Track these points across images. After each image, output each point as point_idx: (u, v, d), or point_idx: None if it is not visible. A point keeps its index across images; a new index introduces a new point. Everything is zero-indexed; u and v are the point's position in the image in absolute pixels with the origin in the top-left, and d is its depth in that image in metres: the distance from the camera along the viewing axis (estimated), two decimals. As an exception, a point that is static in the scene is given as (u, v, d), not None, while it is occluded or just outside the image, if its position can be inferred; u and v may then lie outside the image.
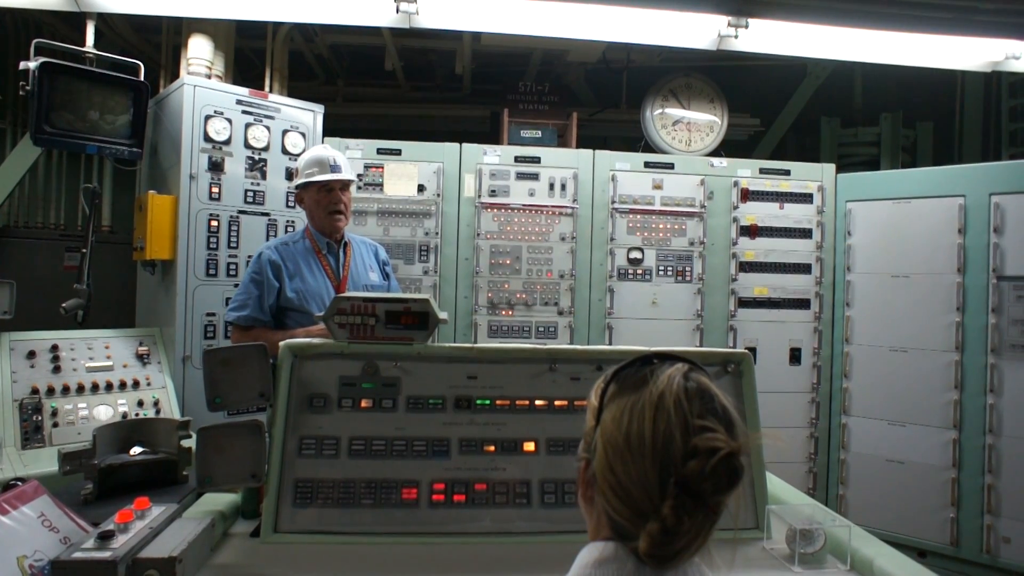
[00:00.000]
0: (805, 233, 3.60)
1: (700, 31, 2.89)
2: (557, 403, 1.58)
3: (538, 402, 1.58)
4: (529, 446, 1.54)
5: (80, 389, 2.62)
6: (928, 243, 3.31)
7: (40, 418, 2.48)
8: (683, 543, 0.73)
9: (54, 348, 2.65)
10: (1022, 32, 2.92)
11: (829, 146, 4.47)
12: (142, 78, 2.91)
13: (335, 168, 2.43)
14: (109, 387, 2.69)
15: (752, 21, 2.80)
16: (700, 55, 3.55)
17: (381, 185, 3.37)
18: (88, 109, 2.78)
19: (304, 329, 2.32)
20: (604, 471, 0.79)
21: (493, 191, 3.42)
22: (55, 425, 2.50)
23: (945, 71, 3.36)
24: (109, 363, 2.75)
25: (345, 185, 2.47)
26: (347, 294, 1.65)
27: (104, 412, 2.62)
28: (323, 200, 2.43)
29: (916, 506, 3.28)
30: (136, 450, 1.79)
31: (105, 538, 1.13)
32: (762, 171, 3.62)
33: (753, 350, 3.49)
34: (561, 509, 1.49)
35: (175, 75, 3.34)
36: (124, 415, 2.64)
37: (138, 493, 1.38)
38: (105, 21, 3.44)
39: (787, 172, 3.63)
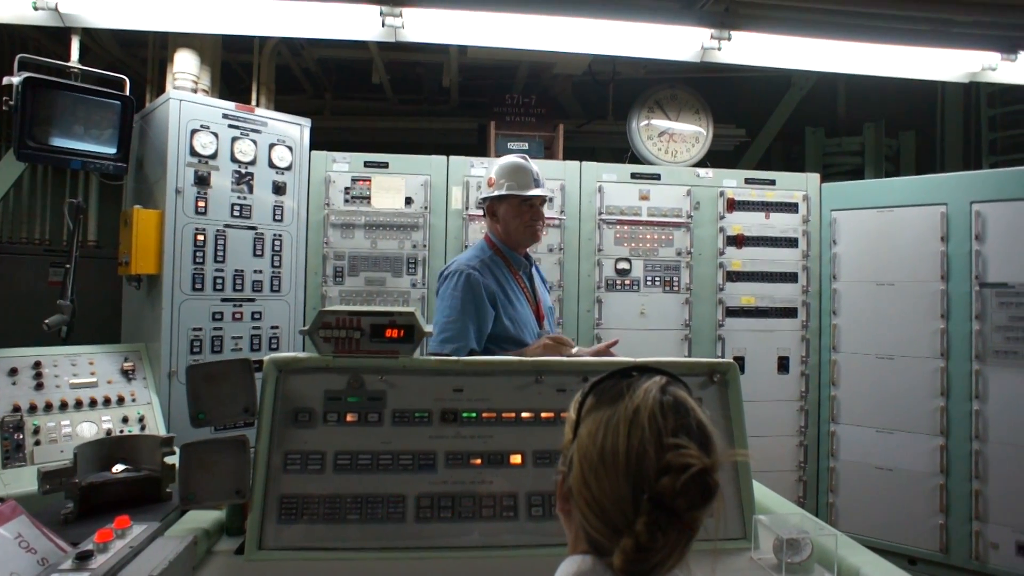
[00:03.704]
0: (791, 242, 3.63)
1: (684, 43, 2.93)
2: (543, 415, 1.58)
3: (524, 414, 1.57)
4: (516, 459, 1.53)
5: (63, 406, 2.58)
6: (912, 251, 3.35)
7: (22, 436, 2.44)
8: (658, 559, 0.73)
9: (37, 364, 2.61)
10: (997, 44, 2.99)
11: (814, 156, 4.53)
12: (127, 93, 2.90)
13: (537, 182, 2.30)
14: (93, 404, 2.65)
15: (734, 33, 2.85)
16: (685, 67, 3.59)
17: (368, 198, 3.37)
18: (73, 124, 2.76)
19: (522, 351, 2.09)
20: (579, 486, 0.79)
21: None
22: (37, 443, 2.46)
23: (926, 82, 3.43)
24: (93, 379, 2.71)
25: (543, 200, 2.34)
26: (331, 308, 1.64)
27: (88, 429, 2.58)
28: (524, 215, 2.27)
29: (905, 513, 3.30)
30: (119, 468, 1.76)
31: (83, 558, 1.11)
32: (748, 181, 3.65)
33: (741, 359, 3.51)
34: (548, 522, 1.48)
35: (161, 89, 3.34)
36: (108, 432, 2.61)
37: (120, 511, 1.36)
38: (91, 36, 3.44)
39: (772, 182, 3.67)
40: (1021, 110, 4.18)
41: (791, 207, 3.65)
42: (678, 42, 2.92)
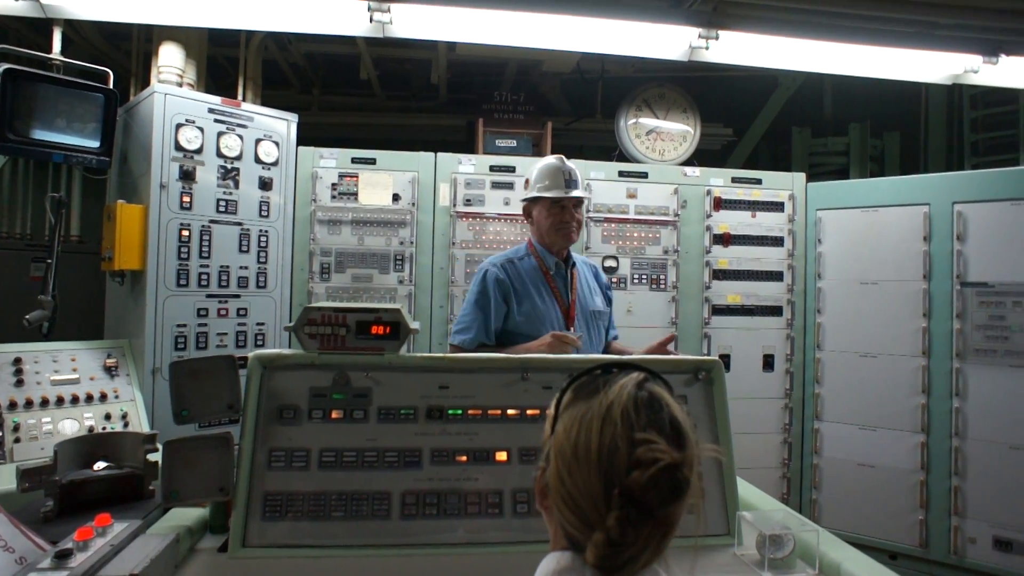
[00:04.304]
0: (777, 241, 3.66)
1: (672, 42, 2.94)
2: (529, 412, 1.58)
3: (510, 411, 1.57)
4: (501, 455, 1.53)
5: (44, 403, 2.55)
6: (895, 250, 3.39)
7: (1, 433, 2.40)
8: (630, 554, 0.73)
9: (17, 361, 2.58)
10: (979, 47, 3.03)
11: (800, 155, 4.57)
12: (111, 86, 2.87)
13: (571, 184, 2.29)
14: (75, 400, 2.62)
15: (722, 33, 2.86)
16: (673, 66, 3.60)
17: (355, 194, 3.36)
18: (55, 117, 2.72)
19: (524, 346, 2.17)
20: (555, 481, 0.79)
21: (468, 200, 3.42)
22: (17, 440, 2.42)
23: (910, 83, 3.46)
24: (75, 376, 2.68)
25: (578, 202, 2.33)
26: (316, 304, 1.63)
27: (70, 426, 2.55)
28: (554, 216, 2.29)
29: (887, 509, 3.34)
30: (100, 465, 1.74)
31: (63, 557, 1.10)
32: (734, 180, 3.68)
33: (727, 357, 3.54)
34: (534, 519, 1.48)
35: (146, 83, 3.30)
36: (90, 429, 2.58)
37: (102, 510, 1.34)
38: (73, 28, 3.39)
39: (759, 181, 3.70)
40: (1002, 112, 4.24)
41: (777, 206, 3.68)
42: (666, 41, 2.93)
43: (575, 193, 2.30)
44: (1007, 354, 3.09)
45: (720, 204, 3.63)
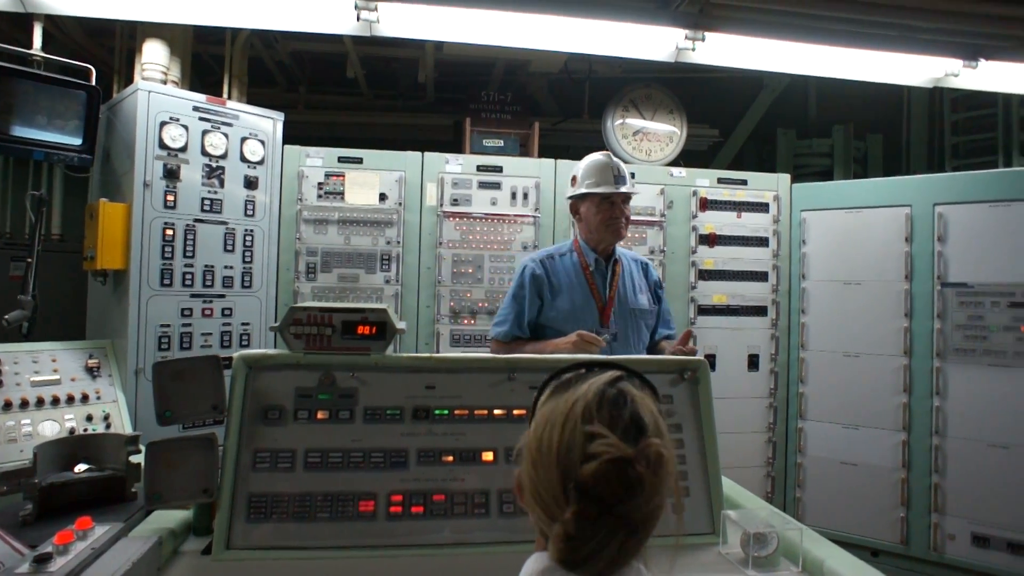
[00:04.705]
0: (762, 242, 3.69)
1: (659, 43, 2.95)
2: (516, 412, 1.58)
3: (496, 411, 1.58)
4: (488, 456, 1.53)
5: (24, 404, 2.50)
6: (878, 251, 3.43)
7: (-20, 435, 2.36)
8: (589, 549, 0.73)
9: (-4, 361, 2.54)
10: (959, 51, 3.08)
11: (785, 157, 4.61)
12: (94, 83, 2.83)
13: (619, 179, 2.30)
14: (56, 402, 2.58)
15: (708, 35, 2.88)
16: (660, 67, 3.62)
17: (342, 194, 3.34)
18: (35, 114, 2.68)
19: (552, 342, 2.21)
20: (525, 477, 0.80)
21: (455, 200, 3.42)
22: (-4, 442, 2.39)
23: (893, 86, 3.51)
24: (56, 377, 2.64)
25: (627, 198, 2.33)
26: (302, 304, 1.62)
27: (50, 428, 2.51)
28: (603, 213, 2.29)
29: (869, 507, 3.38)
30: (81, 467, 1.72)
31: (42, 561, 1.08)
32: (720, 181, 3.70)
33: (712, 357, 3.56)
34: (520, 519, 1.48)
35: (129, 80, 3.26)
36: (71, 431, 2.54)
37: (83, 512, 1.33)
38: (55, 23, 3.33)
39: (744, 182, 3.73)
40: (982, 115, 4.31)
41: (762, 207, 3.71)
42: (653, 42, 2.94)
43: (624, 188, 2.30)
44: (986, 353, 3.14)
45: (706, 205, 3.65)
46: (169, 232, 2.92)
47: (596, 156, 2.39)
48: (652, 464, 0.74)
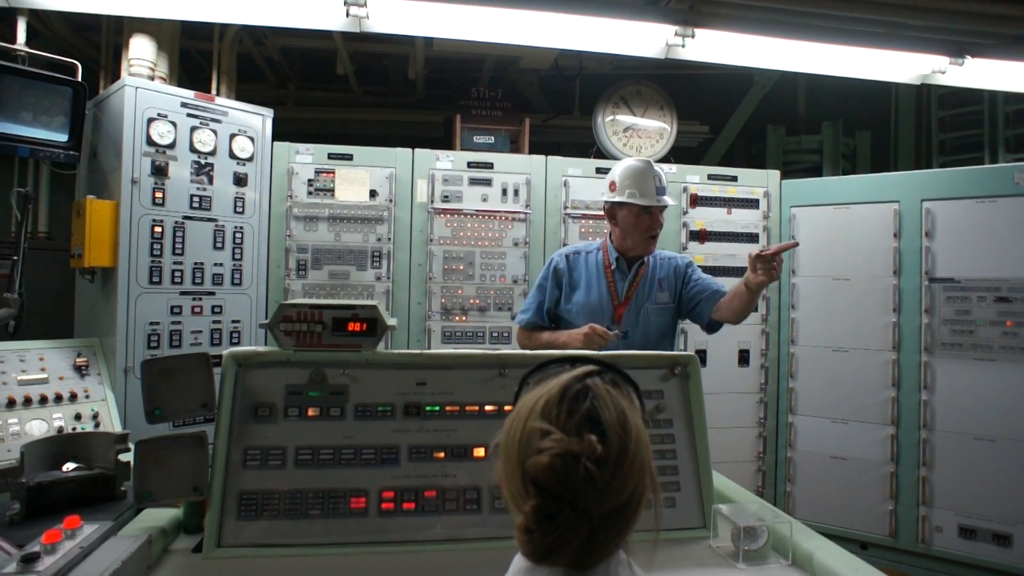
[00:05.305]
0: (752, 238, 3.71)
1: (649, 40, 2.96)
2: (507, 408, 1.57)
3: (488, 407, 1.58)
4: (479, 452, 1.54)
5: (11, 403, 2.48)
6: (866, 247, 3.46)
7: (-34, 435, 2.34)
8: (550, 543, 0.74)
9: (-18, 361, 2.51)
10: (946, 49, 3.10)
11: (775, 153, 4.63)
12: (80, 78, 2.80)
13: (661, 191, 2.30)
14: (43, 401, 2.56)
15: (698, 31, 2.88)
16: (650, 63, 3.62)
17: (332, 190, 3.33)
18: (20, 110, 2.65)
19: (565, 332, 2.29)
20: (500, 472, 0.82)
21: (446, 196, 3.41)
22: (-18, 442, 2.36)
23: (881, 83, 3.53)
24: (44, 375, 2.62)
25: (664, 207, 2.35)
26: (292, 301, 1.62)
27: (38, 427, 2.49)
28: (643, 224, 2.30)
29: (858, 500, 3.41)
30: (70, 466, 1.70)
31: (29, 561, 1.07)
32: (710, 177, 3.72)
33: (703, 352, 3.58)
34: (512, 514, 1.49)
35: (116, 76, 3.23)
36: (60, 430, 2.52)
37: (72, 512, 1.32)
38: (40, 19, 3.30)
39: (734, 178, 3.74)
40: (969, 112, 4.35)
41: (752, 203, 3.73)
42: (643, 38, 2.95)
43: (666, 199, 2.32)
44: (972, 347, 3.17)
45: (696, 201, 3.66)
46: (158, 229, 2.90)
47: (635, 163, 2.37)
48: (609, 459, 0.73)
